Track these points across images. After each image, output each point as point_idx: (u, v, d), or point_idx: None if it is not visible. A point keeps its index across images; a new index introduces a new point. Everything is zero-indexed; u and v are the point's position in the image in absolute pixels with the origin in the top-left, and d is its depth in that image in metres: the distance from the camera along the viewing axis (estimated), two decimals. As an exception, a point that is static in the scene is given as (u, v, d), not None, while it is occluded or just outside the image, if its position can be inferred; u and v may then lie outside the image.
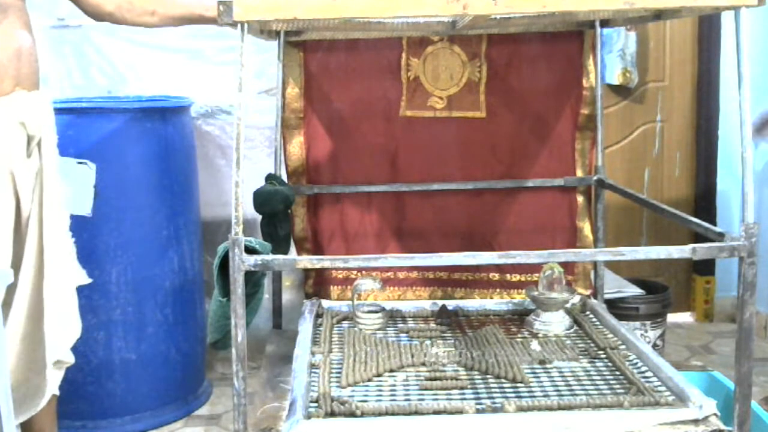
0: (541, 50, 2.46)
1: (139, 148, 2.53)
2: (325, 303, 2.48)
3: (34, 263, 1.90)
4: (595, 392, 1.79)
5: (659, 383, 1.82)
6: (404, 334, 2.23)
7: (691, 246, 1.59)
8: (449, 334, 2.23)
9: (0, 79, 1.85)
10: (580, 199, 2.53)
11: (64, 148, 2.07)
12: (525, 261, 1.68)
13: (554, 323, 2.24)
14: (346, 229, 2.55)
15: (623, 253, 1.72)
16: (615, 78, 3.46)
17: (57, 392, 1.99)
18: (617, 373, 1.90)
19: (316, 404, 1.73)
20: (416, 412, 1.67)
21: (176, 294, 2.64)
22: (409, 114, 2.50)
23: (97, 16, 2.09)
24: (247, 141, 3.10)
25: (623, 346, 2.06)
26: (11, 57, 1.86)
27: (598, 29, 2.40)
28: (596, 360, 2.00)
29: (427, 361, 1.99)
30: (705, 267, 3.71)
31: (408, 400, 1.76)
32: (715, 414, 1.63)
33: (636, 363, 1.96)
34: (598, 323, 2.27)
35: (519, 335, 2.22)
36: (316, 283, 2.58)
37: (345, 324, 2.31)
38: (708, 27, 3.58)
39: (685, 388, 1.72)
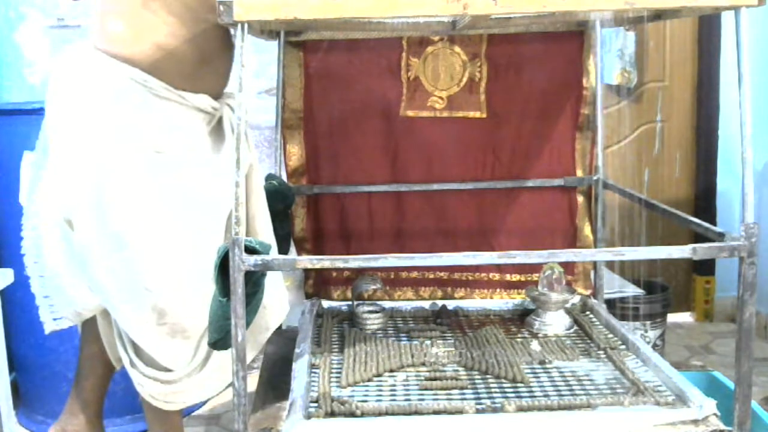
0: (541, 50, 2.46)
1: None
2: (325, 303, 2.48)
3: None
4: (595, 392, 1.79)
5: (659, 383, 1.82)
6: (404, 334, 2.23)
7: (691, 246, 1.59)
8: (449, 334, 2.22)
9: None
10: (580, 199, 2.53)
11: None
12: (525, 261, 1.68)
13: (554, 323, 2.24)
14: (346, 229, 2.55)
15: (623, 253, 1.72)
16: (613, 78, 3.46)
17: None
18: (617, 373, 1.90)
19: (316, 404, 1.73)
20: (416, 412, 1.67)
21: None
22: (409, 114, 2.50)
23: None
24: (247, 141, 3.09)
25: (623, 346, 2.06)
26: None
27: (599, 29, 2.40)
28: (596, 360, 2.00)
29: (427, 361, 1.99)
30: (705, 267, 3.72)
31: (408, 400, 1.76)
32: (715, 414, 1.63)
33: (636, 363, 1.96)
34: (598, 323, 2.27)
35: (519, 335, 2.22)
36: (317, 284, 2.58)
37: (345, 324, 2.31)
38: (708, 27, 3.58)
39: (685, 388, 1.72)
